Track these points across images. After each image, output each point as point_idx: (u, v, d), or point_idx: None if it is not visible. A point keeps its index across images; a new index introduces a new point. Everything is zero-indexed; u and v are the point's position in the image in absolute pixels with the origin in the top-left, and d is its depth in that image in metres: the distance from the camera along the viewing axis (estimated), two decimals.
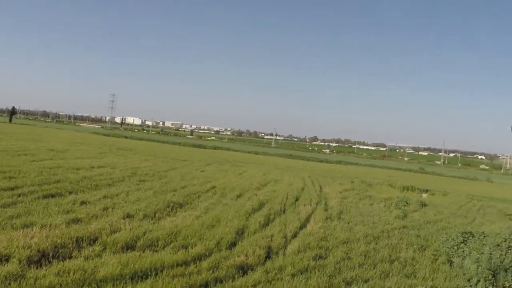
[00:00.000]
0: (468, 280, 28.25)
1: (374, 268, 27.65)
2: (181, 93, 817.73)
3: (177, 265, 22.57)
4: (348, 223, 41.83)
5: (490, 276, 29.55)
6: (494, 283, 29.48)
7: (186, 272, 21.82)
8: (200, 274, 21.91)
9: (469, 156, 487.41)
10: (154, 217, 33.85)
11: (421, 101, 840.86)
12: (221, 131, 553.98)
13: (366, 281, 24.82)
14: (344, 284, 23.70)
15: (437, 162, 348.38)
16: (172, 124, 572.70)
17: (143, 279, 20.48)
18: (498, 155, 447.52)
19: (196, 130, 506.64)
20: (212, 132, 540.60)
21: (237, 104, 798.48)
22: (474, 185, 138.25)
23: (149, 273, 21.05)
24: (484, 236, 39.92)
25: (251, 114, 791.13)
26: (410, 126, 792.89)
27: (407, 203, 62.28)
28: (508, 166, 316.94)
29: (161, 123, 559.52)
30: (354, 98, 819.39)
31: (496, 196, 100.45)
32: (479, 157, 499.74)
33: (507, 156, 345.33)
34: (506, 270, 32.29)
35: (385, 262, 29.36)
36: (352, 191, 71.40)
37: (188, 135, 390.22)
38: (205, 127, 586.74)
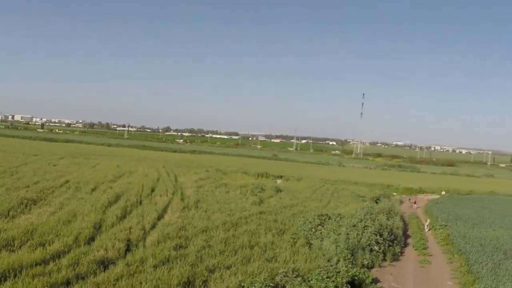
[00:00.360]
0: (328, 260, 29.13)
1: (235, 254, 27.99)
2: (31, 86, 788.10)
3: (36, 264, 21.80)
4: (206, 211, 42.19)
5: (349, 255, 30.69)
6: (353, 262, 30.62)
7: (46, 271, 21.14)
8: (60, 271, 21.31)
9: (320, 142, 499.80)
10: (8, 215, 32.63)
11: (272, 89, 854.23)
12: (72, 124, 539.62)
13: (228, 267, 25.04)
14: (207, 272, 23.78)
15: (289, 148, 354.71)
16: (21, 118, 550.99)
17: (2, 282, 19.65)
18: (348, 140, 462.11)
19: (47, 123, 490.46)
20: (63, 125, 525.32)
21: (88, 96, 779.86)
22: (326, 169, 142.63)
23: (8, 275, 20.21)
24: (341, 218, 41.40)
25: (103, 106, 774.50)
26: (262, 114, 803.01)
27: (262, 189, 63.45)
28: (358, 150, 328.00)
29: (10, 117, 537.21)
30: (205, 88, 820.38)
31: (349, 179, 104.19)
32: (330, 142, 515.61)
33: (357, 141, 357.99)
34: (363, 249, 33.72)
35: (246, 248, 29.80)
36: (208, 180, 71.85)
37: (38, 128, 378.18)
38: (56, 120, 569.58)
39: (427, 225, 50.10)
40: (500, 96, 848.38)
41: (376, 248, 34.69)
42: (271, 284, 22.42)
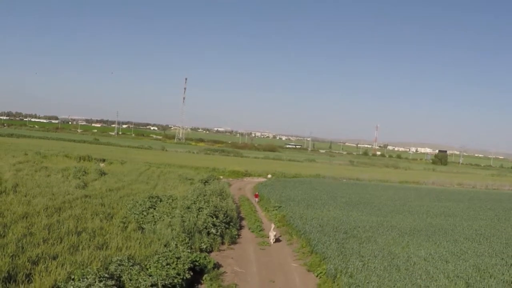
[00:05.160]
0: (165, 245, 27.06)
1: (61, 242, 25.19)
2: None
3: None
4: (26, 196, 38.85)
5: (187, 239, 28.70)
6: (191, 246, 28.73)
7: None
8: None
9: (142, 127, 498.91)
10: None
11: (92, 72, 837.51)
12: None
13: (54, 257, 22.27)
14: (30, 263, 20.93)
15: (110, 133, 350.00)
16: None
17: None
18: (170, 125, 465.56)
19: None
20: None
21: None
22: (150, 153, 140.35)
23: None
24: (173, 200, 39.44)
25: None
26: (83, 98, 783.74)
27: (86, 173, 60.98)
28: (180, 135, 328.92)
29: None
30: (24, 69, 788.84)
31: (173, 162, 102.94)
32: (152, 127, 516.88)
33: (178, 126, 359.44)
34: (200, 232, 31.87)
35: (72, 235, 27.06)
36: (27, 163, 67.76)
37: None
38: None
39: (274, 235, 37.02)
40: (317, 87, 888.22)
41: (213, 231, 33.39)
42: (105, 275, 19.78)
